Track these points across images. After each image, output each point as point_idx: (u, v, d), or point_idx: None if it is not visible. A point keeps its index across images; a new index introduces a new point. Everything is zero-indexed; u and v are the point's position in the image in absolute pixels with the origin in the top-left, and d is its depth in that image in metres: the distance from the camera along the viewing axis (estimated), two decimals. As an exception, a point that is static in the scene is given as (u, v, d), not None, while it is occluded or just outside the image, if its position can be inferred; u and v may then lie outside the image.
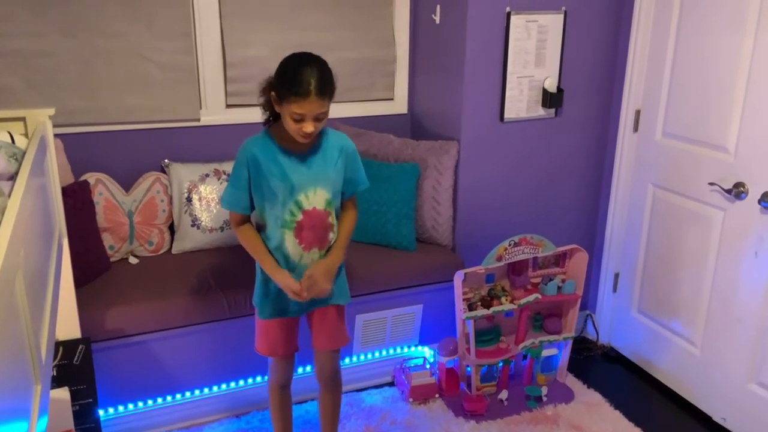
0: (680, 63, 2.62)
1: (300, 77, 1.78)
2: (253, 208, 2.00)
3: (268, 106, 1.94)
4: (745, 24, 2.31)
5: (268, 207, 1.96)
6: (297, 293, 1.95)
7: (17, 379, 0.95)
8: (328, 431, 2.28)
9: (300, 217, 1.95)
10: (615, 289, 3.12)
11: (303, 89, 1.78)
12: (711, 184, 2.49)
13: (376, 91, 3.16)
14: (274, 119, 1.97)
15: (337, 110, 2.64)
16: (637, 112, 2.86)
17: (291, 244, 1.97)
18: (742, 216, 2.40)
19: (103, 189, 2.62)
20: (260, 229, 2.04)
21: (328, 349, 2.16)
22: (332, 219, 2.02)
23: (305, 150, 1.94)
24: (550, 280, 2.73)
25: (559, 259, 2.80)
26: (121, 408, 2.41)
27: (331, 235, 2.03)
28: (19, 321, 1.02)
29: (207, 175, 2.78)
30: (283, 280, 1.97)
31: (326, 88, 1.82)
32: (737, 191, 2.39)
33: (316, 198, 1.96)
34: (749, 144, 2.35)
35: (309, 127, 1.83)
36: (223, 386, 2.56)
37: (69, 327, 2.07)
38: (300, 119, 1.81)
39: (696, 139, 2.58)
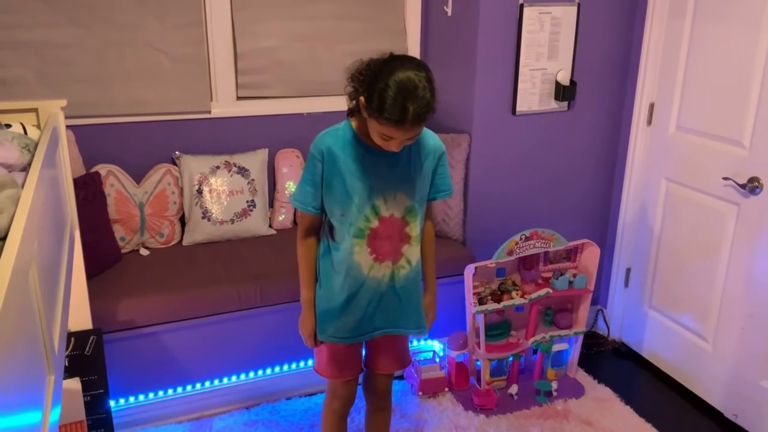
0: (695, 56, 2.59)
1: (396, 101, 1.48)
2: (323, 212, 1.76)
3: (354, 96, 1.65)
4: (761, 16, 2.28)
5: (339, 212, 1.71)
6: (309, 342, 1.85)
7: (31, 370, 0.95)
8: None
9: (375, 224, 1.71)
10: (626, 284, 3.10)
11: (396, 116, 1.49)
12: (725, 178, 2.47)
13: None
14: (359, 111, 1.66)
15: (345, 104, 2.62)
16: (651, 106, 2.84)
17: (362, 255, 1.73)
18: (756, 211, 2.38)
19: (115, 181, 2.62)
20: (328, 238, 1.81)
21: (390, 372, 1.99)
22: (410, 230, 1.76)
23: None
24: (561, 274, 2.71)
25: (571, 254, 2.78)
26: (132, 399, 2.43)
27: (406, 248, 1.77)
28: (33, 312, 1.02)
29: (218, 167, 2.78)
30: (308, 322, 1.83)
31: (425, 115, 1.52)
32: (752, 186, 2.37)
33: (396, 204, 1.71)
34: (764, 138, 2.33)
35: (395, 148, 1.60)
36: (234, 378, 2.57)
37: (80, 318, 2.08)
38: (388, 139, 1.57)
39: (710, 133, 2.55)
